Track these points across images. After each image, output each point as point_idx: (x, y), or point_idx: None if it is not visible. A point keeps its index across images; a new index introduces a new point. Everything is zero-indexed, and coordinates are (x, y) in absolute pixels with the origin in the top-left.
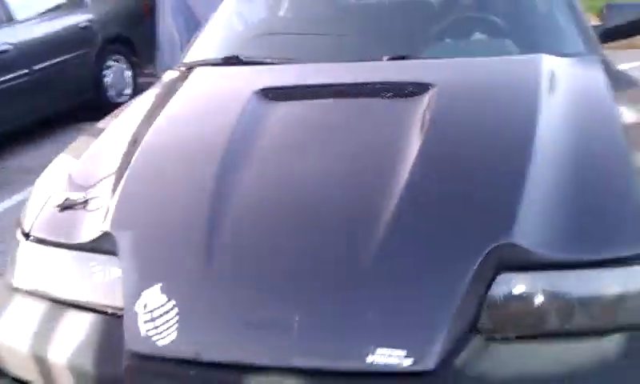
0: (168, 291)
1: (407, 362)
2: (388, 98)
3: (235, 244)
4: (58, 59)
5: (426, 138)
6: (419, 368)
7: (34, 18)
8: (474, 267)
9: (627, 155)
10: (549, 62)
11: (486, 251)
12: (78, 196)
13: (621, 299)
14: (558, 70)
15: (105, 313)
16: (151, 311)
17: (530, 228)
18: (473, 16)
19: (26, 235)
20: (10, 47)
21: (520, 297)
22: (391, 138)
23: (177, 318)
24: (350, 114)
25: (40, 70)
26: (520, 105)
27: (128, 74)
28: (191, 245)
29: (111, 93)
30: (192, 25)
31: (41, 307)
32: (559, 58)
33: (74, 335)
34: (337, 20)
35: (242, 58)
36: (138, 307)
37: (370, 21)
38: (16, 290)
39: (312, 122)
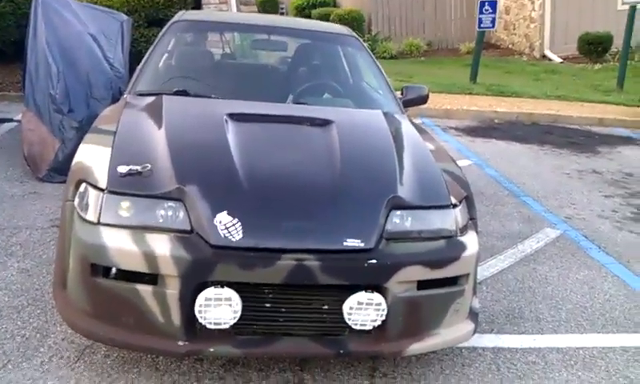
0: (232, 213)
1: (361, 244)
2: (310, 124)
3: (261, 185)
4: None
5: (341, 145)
6: (366, 247)
7: None
8: (383, 207)
9: (430, 157)
10: (383, 114)
11: (387, 199)
12: (135, 167)
13: (439, 223)
14: (388, 117)
15: (178, 232)
16: (224, 224)
17: (402, 189)
18: (325, 82)
19: (102, 189)
20: None
21: (400, 222)
22: (322, 145)
23: (240, 226)
24: (293, 131)
25: None
26: (380, 131)
27: None
28: (235, 188)
29: None
30: (65, 57)
31: (130, 233)
32: (386, 112)
33: (165, 242)
34: (244, 72)
35: (189, 92)
36: (216, 223)
37: (264, 76)
38: (102, 224)
39: (271, 133)
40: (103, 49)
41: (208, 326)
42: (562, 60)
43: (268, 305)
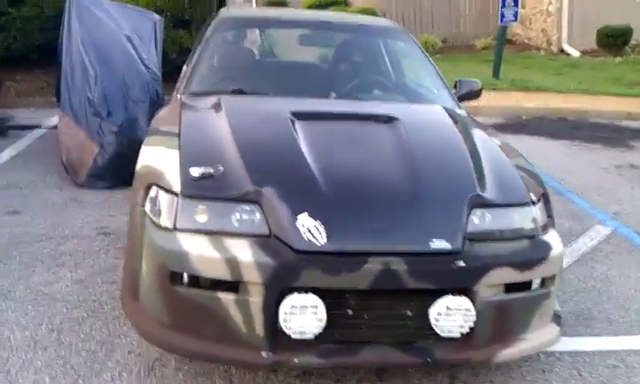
0: (313, 216)
1: (448, 245)
2: (375, 121)
3: (340, 186)
4: None
5: (412, 143)
6: (454, 248)
7: None
8: (465, 206)
9: (502, 153)
10: (443, 109)
11: (468, 198)
12: (207, 169)
13: (520, 222)
14: (450, 113)
15: (256, 236)
16: (307, 227)
17: (480, 187)
18: (380, 77)
19: (175, 193)
20: None
21: (480, 222)
22: (392, 142)
23: (323, 229)
24: (360, 129)
25: None
26: (447, 128)
27: None
28: (313, 189)
29: None
30: (101, 58)
31: (209, 238)
32: (444, 107)
33: (246, 247)
34: (297, 69)
35: (245, 90)
36: (298, 226)
37: (317, 72)
38: (179, 229)
39: (339, 131)
40: (138, 50)
41: (292, 335)
42: (580, 54)
43: (351, 311)
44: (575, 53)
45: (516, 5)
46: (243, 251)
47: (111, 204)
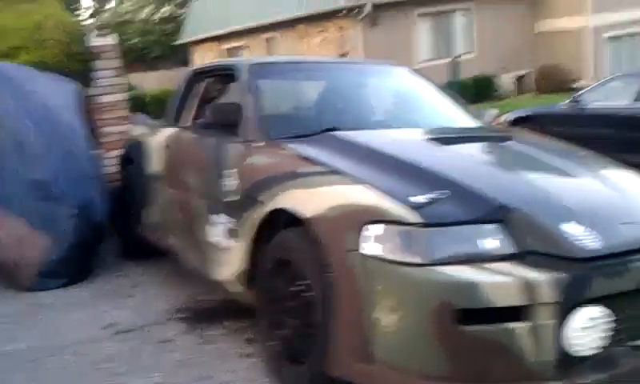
0: (578, 222)
1: None
2: (498, 141)
3: (572, 194)
4: None
5: (556, 153)
6: None
7: None
8: None
9: None
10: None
11: None
12: (433, 195)
13: None
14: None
15: (510, 256)
16: (578, 235)
17: None
18: (430, 105)
19: (409, 224)
20: None
21: None
22: (545, 156)
23: (592, 234)
24: (498, 149)
25: None
26: (543, 138)
27: None
28: (554, 198)
29: None
30: (44, 131)
31: (473, 265)
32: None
33: (520, 268)
34: (354, 104)
35: (336, 128)
36: (569, 235)
37: (367, 106)
38: (438, 263)
39: (492, 153)
40: (73, 118)
41: (583, 353)
42: None
43: (624, 314)
44: None
45: None
46: (526, 272)
47: (83, 300)
